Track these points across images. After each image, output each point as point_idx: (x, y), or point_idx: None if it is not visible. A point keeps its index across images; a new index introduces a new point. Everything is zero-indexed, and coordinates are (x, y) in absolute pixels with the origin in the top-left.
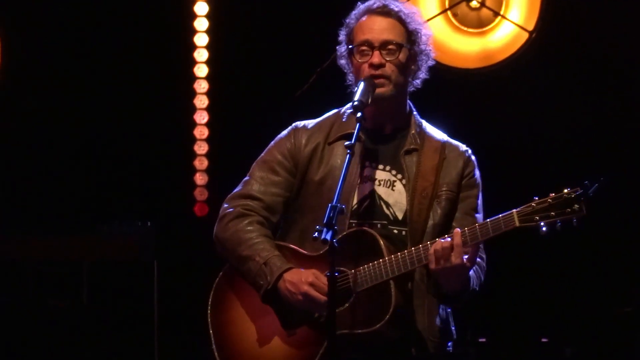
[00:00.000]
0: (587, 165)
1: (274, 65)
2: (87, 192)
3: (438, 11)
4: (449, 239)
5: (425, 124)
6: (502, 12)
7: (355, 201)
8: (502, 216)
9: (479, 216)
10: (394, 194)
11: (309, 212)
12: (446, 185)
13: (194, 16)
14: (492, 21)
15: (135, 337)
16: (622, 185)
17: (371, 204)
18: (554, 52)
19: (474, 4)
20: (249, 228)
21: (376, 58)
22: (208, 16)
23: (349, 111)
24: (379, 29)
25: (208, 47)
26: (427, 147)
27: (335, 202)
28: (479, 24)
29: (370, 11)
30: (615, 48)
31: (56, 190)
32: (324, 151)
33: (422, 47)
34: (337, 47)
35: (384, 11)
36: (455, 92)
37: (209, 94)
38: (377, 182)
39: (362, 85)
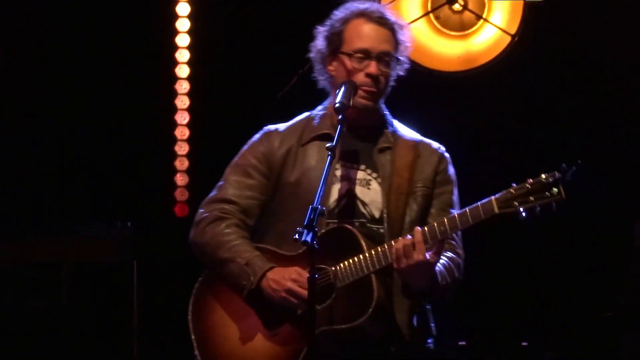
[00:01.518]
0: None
1: (256, 66)
2: (66, 192)
3: (420, 14)
4: (410, 237)
5: (396, 123)
6: (484, 16)
7: (332, 201)
8: (480, 204)
9: (455, 212)
10: (370, 192)
11: (286, 214)
12: (421, 182)
13: (175, 17)
14: (475, 24)
15: (115, 338)
16: (602, 189)
17: (348, 204)
18: (536, 56)
19: (457, 7)
20: (227, 231)
21: (374, 69)
22: (190, 17)
23: (321, 112)
24: (377, 38)
25: (189, 47)
26: (400, 145)
27: (316, 204)
28: (462, 27)
29: (366, 17)
30: (597, 51)
31: (35, 191)
32: (297, 153)
33: (403, 59)
34: (315, 42)
35: (381, 21)
36: (437, 95)
37: (190, 94)
38: (353, 182)
39: (343, 88)
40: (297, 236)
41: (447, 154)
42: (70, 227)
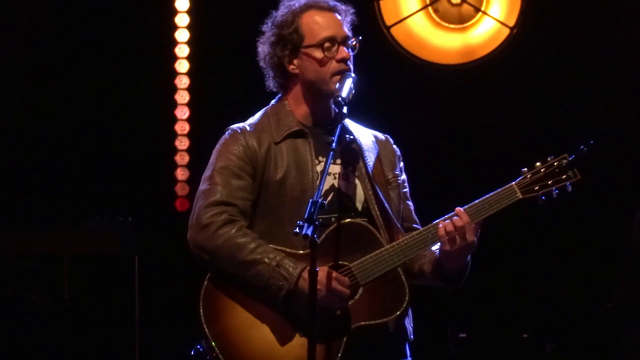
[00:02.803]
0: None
1: (255, 60)
2: (68, 187)
3: (419, 7)
4: (457, 218)
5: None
6: (483, 8)
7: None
8: (502, 190)
9: (411, 203)
10: (351, 186)
11: (271, 212)
12: (391, 172)
13: (174, 12)
14: (473, 17)
15: (116, 332)
16: (599, 183)
17: (333, 198)
18: (534, 48)
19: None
20: (240, 233)
21: (346, 53)
22: (189, 12)
23: (283, 110)
24: (336, 25)
25: (189, 42)
26: (361, 138)
27: (316, 197)
28: (460, 20)
29: (315, 8)
30: (595, 43)
31: (37, 185)
32: (275, 152)
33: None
34: (262, 50)
35: (332, 8)
36: (436, 88)
37: (190, 89)
38: (333, 176)
39: (351, 82)
40: (297, 230)
41: (395, 145)
42: (72, 220)
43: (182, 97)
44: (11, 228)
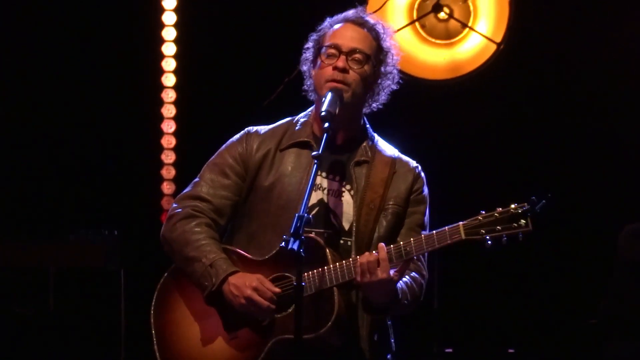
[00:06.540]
0: (552, 179)
1: (242, 75)
2: (54, 199)
3: (406, 22)
4: (376, 253)
5: (377, 138)
6: (470, 24)
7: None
8: (448, 228)
9: (425, 232)
10: (341, 204)
11: (257, 217)
12: (394, 199)
13: (161, 25)
14: (460, 33)
15: (101, 345)
16: (585, 199)
17: (319, 213)
18: (521, 64)
19: (442, 15)
20: (196, 229)
21: (341, 62)
22: (175, 25)
23: (302, 119)
24: (351, 36)
25: (176, 56)
26: (377, 160)
27: (302, 212)
28: (447, 36)
29: (346, 20)
30: (581, 59)
31: (23, 198)
32: (274, 157)
33: (389, 68)
34: (303, 51)
35: (360, 22)
36: (422, 103)
37: (176, 103)
38: (326, 192)
39: (329, 95)
40: (283, 244)
41: (423, 174)
42: (58, 233)
43: (169, 110)
44: None
